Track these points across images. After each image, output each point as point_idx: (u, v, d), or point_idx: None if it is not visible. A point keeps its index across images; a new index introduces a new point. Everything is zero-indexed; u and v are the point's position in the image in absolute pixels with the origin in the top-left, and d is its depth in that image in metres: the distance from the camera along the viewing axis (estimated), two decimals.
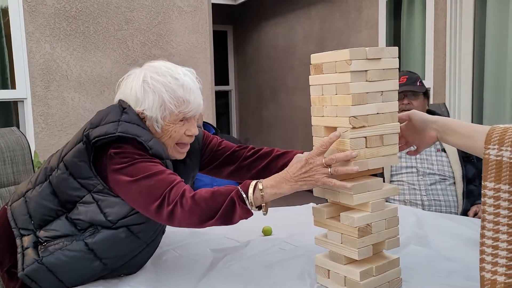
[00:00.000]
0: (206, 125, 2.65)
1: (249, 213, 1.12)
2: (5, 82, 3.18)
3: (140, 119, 1.27)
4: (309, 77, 1.15)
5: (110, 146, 1.21)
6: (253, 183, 1.12)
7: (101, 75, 3.30)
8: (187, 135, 1.32)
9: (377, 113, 1.09)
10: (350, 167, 1.06)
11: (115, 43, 3.35)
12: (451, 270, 1.26)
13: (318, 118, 1.15)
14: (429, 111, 2.27)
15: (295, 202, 2.01)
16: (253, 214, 1.13)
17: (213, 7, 4.17)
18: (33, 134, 3.10)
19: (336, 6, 5.02)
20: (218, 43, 6.56)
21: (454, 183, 2.12)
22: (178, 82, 1.28)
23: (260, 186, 1.11)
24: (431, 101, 3.68)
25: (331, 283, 1.17)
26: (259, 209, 1.13)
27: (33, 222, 1.27)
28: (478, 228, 1.25)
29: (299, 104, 5.75)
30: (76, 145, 1.23)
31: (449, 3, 3.61)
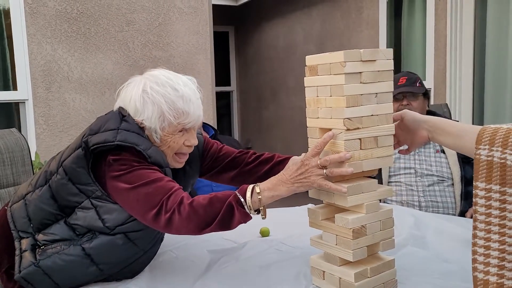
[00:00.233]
0: (205, 126, 2.61)
1: (247, 217, 1.13)
2: (7, 83, 3.19)
3: (139, 127, 1.27)
4: (304, 78, 1.16)
5: (109, 153, 1.21)
6: (250, 186, 1.13)
7: (102, 76, 3.31)
8: (186, 146, 1.32)
9: (372, 115, 1.09)
10: (344, 169, 1.06)
11: (116, 45, 3.36)
12: (448, 271, 1.26)
13: (313, 119, 1.15)
14: (430, 111, 2.27)
15: (293, 203, 2.02)
16: (251, 218, 1.13)
17: (215, 8, 4.18)
18: (34, 135, 3.11)
19: (336, 6, 5.02)
20: (219, 44, 6.59)
21: (452, 184, 2.11)
22: (177, 93, 1.27)
23: (257, 189, 1.12)
24: (432, 102, 3.67)
25: (326, 285, 1.17)
26: (257, 212, 1.14)
27: (32, 225, 1.27)
28: None
29: (299, 104, 5.75)
30: (75, 151, 1.23)
31: (450, 4, 3.61)
